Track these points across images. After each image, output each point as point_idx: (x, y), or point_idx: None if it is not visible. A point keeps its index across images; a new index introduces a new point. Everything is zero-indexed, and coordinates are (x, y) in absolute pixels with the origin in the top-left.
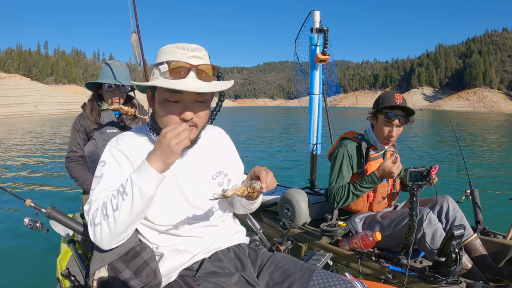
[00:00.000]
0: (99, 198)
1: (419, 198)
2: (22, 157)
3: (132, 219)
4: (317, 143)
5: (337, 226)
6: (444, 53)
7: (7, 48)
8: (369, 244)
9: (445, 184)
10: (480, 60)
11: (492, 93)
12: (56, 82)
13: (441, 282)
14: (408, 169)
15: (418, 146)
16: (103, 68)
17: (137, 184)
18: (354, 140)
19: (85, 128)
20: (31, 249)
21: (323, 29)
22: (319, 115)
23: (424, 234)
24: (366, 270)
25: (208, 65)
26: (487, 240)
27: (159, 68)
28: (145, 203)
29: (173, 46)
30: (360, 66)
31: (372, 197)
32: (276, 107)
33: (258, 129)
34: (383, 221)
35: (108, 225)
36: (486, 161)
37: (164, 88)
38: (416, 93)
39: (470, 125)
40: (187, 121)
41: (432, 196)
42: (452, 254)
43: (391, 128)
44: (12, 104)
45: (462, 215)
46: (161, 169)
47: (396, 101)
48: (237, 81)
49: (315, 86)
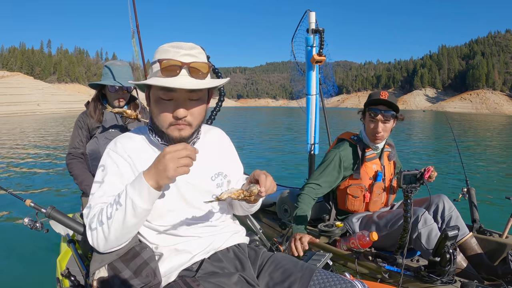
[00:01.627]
0: (98, 204)
1: (415, 198)
2: (22, 156)
3: (126, 230)
4: (315, 143)
5: (334, 226)
6: (447, 55)
7: (10, 47)
8: (366, 244)
9: (443, 183)
10: (483, 61)
11: (495, 94)
12: (59, 81)
13: (436, 282)
14: (402, 172)
15: (417, 147)
16: (106, 68)
17: (131, 196)
18: (350, 141)
19: (88, 126)
20: (31, 249)
21: (319, 30)
22: (317, 115)
23: (419, 234)
24: (363, 270)
25: (201, 62)
26: (483, 238)
27: (152, 67)
28: (137, 216)
29: (168, 45)
30: (362, 67)
31: (368, 197)
32: (278, 107)
33: (259, 129)
34: (380, 221)
35: (102, 232)
36: (484, 161)
37: (158, 87)
38: (418, 94)
39: (470, 126)
40: (180, 119)
41: (427, 196)
42: (446, 254)
43: (376, 124)
44: (14, 103)
45: (458, 215)
46: (155, 186)
47: (381, 97)
48: (239, 81)
49: (312, 87)
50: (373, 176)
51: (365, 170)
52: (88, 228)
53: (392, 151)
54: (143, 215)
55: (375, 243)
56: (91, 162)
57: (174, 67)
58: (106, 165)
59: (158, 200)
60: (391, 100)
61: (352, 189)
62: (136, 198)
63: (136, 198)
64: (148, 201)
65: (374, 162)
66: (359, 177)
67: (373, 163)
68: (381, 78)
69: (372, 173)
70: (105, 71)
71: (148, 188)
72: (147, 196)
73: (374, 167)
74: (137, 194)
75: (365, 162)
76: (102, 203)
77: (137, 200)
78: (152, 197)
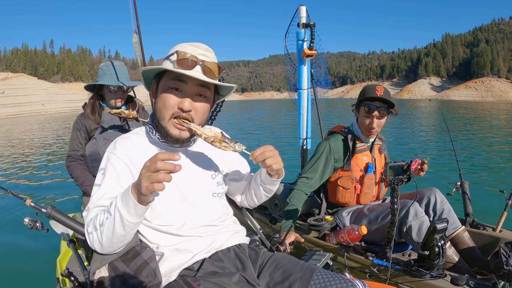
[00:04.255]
0: (96, 207)
1: (407, 191)
2: (23, 156)
3: (116, 239)
4: (307, 138)
5: (324, 220)
6: (451, 43)
7: (13, 48)
8: (355, 238)
9: (438, 176)
10: (488, 49)
11: (500, 82)
12: (62, 80)
13: (425, 276)
14: (388, 163)
15: (411, 138)
16: (103, 68)
17: (118, 208)
18: (341, 133)
19: (86, 127)
20: (31, 249)
21: (309, 24)
22: (308, 110)
23: (410, 227)
24: (352, 264)
25: (215, 63)
26: (476, 232)
27: (169, 58)
28: (125, 228)
29: (186, 43)
30: (366, 57)
31: (359, 189)
32: (283, 100)
33: (252, 122)
34: (370, 214)
35: (97, 236)
36: (478, 153)
37: (169, 77)
38: (423, 83)
39: (477, 115)
40: (184, 111)
41: (419, 189)
42: (435, 247)
43: (372, 120)
44: (19, 104)
45: (450, 208)
46: (138, 201)
47: (377, 93)
48: (243, 74)
49: (303, 81)
50: (364, 168)
51: (356, 162)
52: (86, 231)
53: (383, 145)
54: (131, 228)
55: (366, 238)
56: (91, 163)
57: (190, 61)
58: (105, 168)
59: (158, 200)
60: (387, 96)
61: (343, 181)
62: (123, 211)
63: (124, 211)
64: (135, 215)
65: (365, 154)
66: (349, 168)
67: (364, 155)
68: (385, 67)
69: (363, 165)
70: (102, 72)
71: (134, 203)
72: (134, 210)
73: (365, 159)
74: (125, 207)
75: (355, 154)
76: (100, 206)
77: (124, 213)
78: (139, 211)
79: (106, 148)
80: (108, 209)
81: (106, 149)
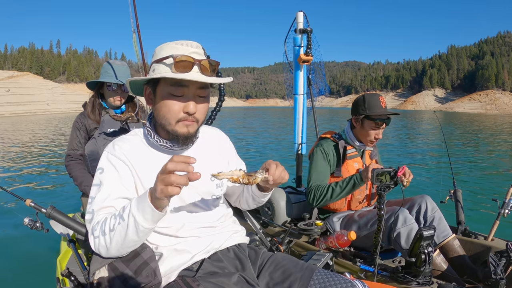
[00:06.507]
0: (102, 209)
1: (397, 199)
2: (23, 156)
3: (127, 244)
4: (302, 143)
5: (314, 225)
6: (456, 55)
7: (19, 47)
8: (344, 243)
9: (432, 183)
10: (493, 61)
11: (504, 95)
12: (68, 80)
13: (412, 283)
14: (374, 169)
15: (407, 148)
16: (104, 67)
17: (133, 214)
18: (332, 139)
19: (86, 127)
20: (31, 249)
21: (306, 30)
22: (304, 115)
23: (399, 234)
24: (340, 269)
25: (210, 60)
26: (468, 241)
27: (163, 62)
28: (139, 234)
29: (173, 42)
30: (371, 67)
31: (350, 195)
32: (287, 107)
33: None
34: (360, 221)
35: (104, 241)
36: (472, 162)
37: (169, 82)
38: (427, 95)
39: (480, 127)
40: (191, 114)
41: (411, 196)
42: (421, 254)
43: (378, 131)
44: (24, 102)
45: (441, 216)
46: (156, 206)
47: (382, 105)
48: (248, 81)
49: (299, 87)
50: (355, 174)
51: (346, 168)
52: (91, 234)
53: (374, 150)
54: (145, 233)
55: (356, 243)
56: (90, 163)
57: (188, 63)
58: (104, 168)
59: None
60: (387, 105)
61: None
62: (139, 217)
63: (139, 217)
64: (151, 221)
65: (356, 160)
66: (340, 174)
67: (355, 161)
68: (390, 78)
69: (353, 171)
70: (106, 68)
71: (151, 208)
72: (150, 216)
73: (355, 165)
74: (141, 213)
75: (346, 160)
76: (106, 207)
77: (140, 219)
78: (156, 218)
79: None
80: (120, 214)
81: (105, 150)
